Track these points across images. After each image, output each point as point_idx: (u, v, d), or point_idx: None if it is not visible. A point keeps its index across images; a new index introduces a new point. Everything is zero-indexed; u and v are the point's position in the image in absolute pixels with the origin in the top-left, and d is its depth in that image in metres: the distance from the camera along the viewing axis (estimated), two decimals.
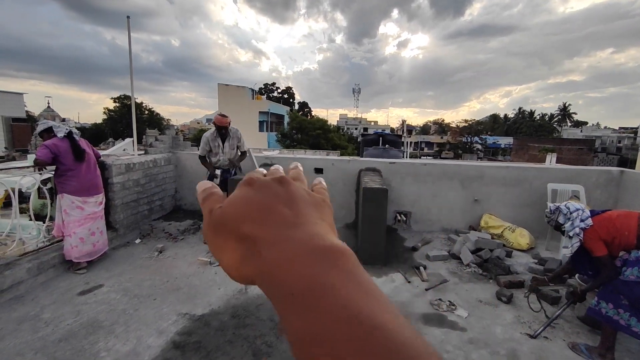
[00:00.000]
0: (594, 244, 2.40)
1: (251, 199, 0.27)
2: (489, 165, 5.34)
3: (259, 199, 0.27)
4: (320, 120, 30.76)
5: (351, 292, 0.20)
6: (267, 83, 52.92)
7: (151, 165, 4.99)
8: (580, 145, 28.01)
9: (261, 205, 0.26)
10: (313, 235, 0.24)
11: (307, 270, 0.21)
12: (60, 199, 3.42)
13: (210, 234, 0.28)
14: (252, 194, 0.28)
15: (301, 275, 0.21)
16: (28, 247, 3.50)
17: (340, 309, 0.19)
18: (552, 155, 8.85)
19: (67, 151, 3.33)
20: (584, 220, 2.47)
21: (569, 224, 2.53)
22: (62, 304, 2.89)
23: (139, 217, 4.75)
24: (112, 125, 35.95)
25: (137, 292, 3.11)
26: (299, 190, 0.29)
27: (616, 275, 2.34)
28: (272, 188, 0.28)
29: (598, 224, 2.43)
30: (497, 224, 4.67)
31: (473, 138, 44.00)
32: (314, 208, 0.28)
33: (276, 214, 0.26)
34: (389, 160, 5.36)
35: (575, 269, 2.78)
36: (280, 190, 0.28)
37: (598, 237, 2.40)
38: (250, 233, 0.25)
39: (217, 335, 2.54)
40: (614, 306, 2.30)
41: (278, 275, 0.22)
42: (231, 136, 4.36)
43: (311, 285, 0.20)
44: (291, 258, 0.22)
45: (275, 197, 0.27)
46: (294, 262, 0.22)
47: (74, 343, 2.40)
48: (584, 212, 2.51)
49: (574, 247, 2.48)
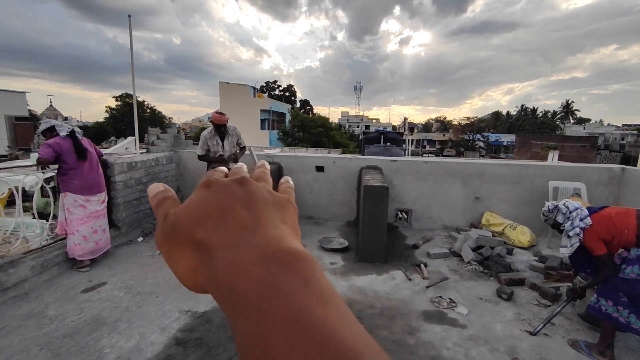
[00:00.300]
0: (594, 243, 2.39)
1: (207, 202, 0.26)
2: (490, 162, 5.33)
3: (215, 202, 0.26)
4: (321, 118, 30.73)
5: (306, 300, 0.19)
6: (269, 81, 52.91)
7: (153, 163, 5.01)
8: (583, 142, 27.90)
9: (217, 209, 0.25)
10: (270, 239, 0.23)
11: (261, 276, 0.20)
12: (63, 197, 3.44)
13: (163, 242, 0.26)
14: (208, 196, 0.26)
15: (254, 281, 0.20)
16: (32, 245, 3.53)
17: (293, 315, 0.18)
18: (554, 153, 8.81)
19: (69, 150, 3.36)
20: (583, 220, 2.45)
21: (569, 223, 2.51)
22: (66, 301, 2.92)
23: (141, 215, 4.78)
24: (114, 124, 36.03)
25: (140, 290, 3.14)
26: (260, 191, 0.27)
27: (616, 273, 2.34)
28: (230, 189, 0.27)
29: (597, 223, 2.42)
30: (498, 221, 4.68)
31: (475, 135, 43.86)
32: (275, 209, 0.27)
33: (233, 217, 0.24)
34: (390, 158, 5.37)
35: (574, 267, 2.78)
36: (239, 192, 0.26)
37: (598, 236, 2.38)
38: (205, 239, 0.23)
39: (218, 331, 2.56)
40: (614, 303, 2.31)
41: (229, 281, 0.20)
42: (230, 134, 4.32)
43: (264, 291, 0.19)
44: (244, 263, 0.21)
45: (233, 198, 0.26)
46: (247, 267, 0.21)
47: (78, 339, 2.43)
48: (582, 211, 2.50)
49: (573, 246, 2.46)
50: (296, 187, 5.69)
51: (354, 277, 3.52)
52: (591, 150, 26.54)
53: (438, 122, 63.87)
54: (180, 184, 5.78)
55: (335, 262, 3.86)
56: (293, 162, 5.45)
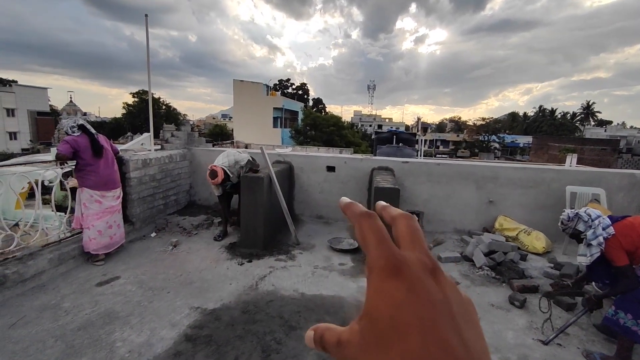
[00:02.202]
0: (616, 254, 2.30)
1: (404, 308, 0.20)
2: (505, 166, 5.22)
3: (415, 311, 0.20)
4: (334, 117, 30.70)
5: None
6: (282, 79, 53.09)
7: (167, 160, 5.10)
8: (603, 145, 26.98)
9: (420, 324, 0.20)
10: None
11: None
12: (80, 192, 3.54)
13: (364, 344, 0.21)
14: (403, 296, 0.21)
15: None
16: (51, 238, 3.64)
17: None
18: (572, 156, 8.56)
19: (86, 147, 3.44)
20: (606, 229, 2.35)
21: (591, 232, 2.41)
22: (81, 294, 3.00)
23: (155, 211, 4.87)
24: (131, 120, 36.83)
25: (152, 285, 3.20)
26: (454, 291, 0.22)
27: (637, 285, 2.26)
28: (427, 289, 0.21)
29: (620, 233, 2.33)
30: (512, 226, 4.57)
31: (490, 137, 43.03)
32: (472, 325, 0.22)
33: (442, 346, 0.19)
34: (402, 160, 5.31)
35: (591, 277, 2.69)
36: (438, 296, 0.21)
37: (620, 246, 2.30)
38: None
39: (227, 329, 2.59)
40: (634, 317, 2.23)
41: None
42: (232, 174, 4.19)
43: None
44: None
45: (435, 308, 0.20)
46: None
47: (92, 332, 2.49)
48: (604, 220, 2.40)
49: (593, 256, 2.37)
50: (307, 186, 5.69)
51: (363, 278, 3.50)
52: (612, 154, 25.66)
53: (452, 122, 62.95)
54: (193, 181, 5.86)
55: (344, 263, 3.84)
56: (304, 161, 5.45)
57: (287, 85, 52.77)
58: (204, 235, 4.54)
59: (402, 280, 0.21)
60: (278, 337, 2.52)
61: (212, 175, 3.97)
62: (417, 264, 0.22)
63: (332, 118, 29.95)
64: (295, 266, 3.72)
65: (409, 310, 0.20)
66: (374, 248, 0.23)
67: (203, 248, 4.11)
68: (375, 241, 0.23)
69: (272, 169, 4.25)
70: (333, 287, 3.30)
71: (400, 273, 0.21)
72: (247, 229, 4.05)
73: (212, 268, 3.60)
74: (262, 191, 3.94)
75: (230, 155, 4.32)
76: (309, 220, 5.33)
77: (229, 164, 4.16)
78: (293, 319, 2.75)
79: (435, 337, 0.19)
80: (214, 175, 3.96)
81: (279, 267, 3.68)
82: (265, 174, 4.07)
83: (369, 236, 0.23)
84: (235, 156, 4.31)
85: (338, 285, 3.34)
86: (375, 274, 0.22)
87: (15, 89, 30.82)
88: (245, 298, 3.04)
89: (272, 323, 2.68)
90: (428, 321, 0.20)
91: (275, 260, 3.85)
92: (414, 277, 0.21)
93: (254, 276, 3.44)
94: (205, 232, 4.64)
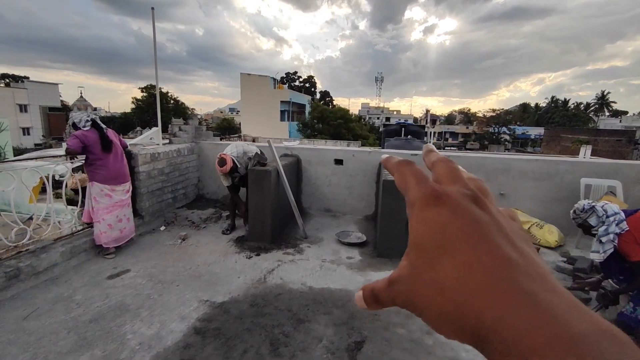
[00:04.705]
0: (631, 249, 2.24)
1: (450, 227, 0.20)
2: (517, 157, 5.11)
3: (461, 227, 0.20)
4: (341, 110, 30.50)
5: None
6: (289, 72, 52.87)
7: (175, 154, 5.12)
8: (618, 136, 26.26)
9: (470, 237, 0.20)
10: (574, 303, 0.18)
11: None
12: (90, 186, 3.57)
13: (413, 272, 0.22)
14: (446, 218, 0.21)
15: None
16: (64, 232, 3.70)
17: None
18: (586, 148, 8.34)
19: (95, 142, 3.46)
20: (619, 225, 2.29)
21: (603, 228, 2.34)
22: (92, 287, 3.04)
23: (164, 205, 4.91)
24: (140, 115, 37.15)
25: (162, 278, 3.23)
26: (501, 217, 0.22)
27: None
28: (470, 210, 0.21)
29: (634, 227, 2.26)
30: (524, 219, 4.49)
31: (501, 128, 42.29)
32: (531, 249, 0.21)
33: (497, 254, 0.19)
34: (410, 152, 5.24)
35: (605, 273, 2.62)
36: (483, 216, 0.21)
37: (635, 241, 2.23)
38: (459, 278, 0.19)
39: (236, 322, 2.60)
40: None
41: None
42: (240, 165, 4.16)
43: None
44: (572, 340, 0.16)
45: (481, 226, 0.20)
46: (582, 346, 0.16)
47: (103, 324, 2.53)
48: (619, 215, 2.33)
49: (606, 253, 2.30)
50: (314, 180, 5.67)
51: (371, 272, 3.48)
52: (627, 145, 24.97)
53: (462, 114, 61.96)
54: (201, 174, 5.88)
55: (352, 257, 3.83)
56: (312, 154, 5.42)
57: (294, 78, 52.54)
58: (212, 228, 4.57)
59: (444, 206, 0.21)
60: (286, 330, 2.52)
61: (220, 163, 3.97)
62: (457, 193, 0.22)
63: (340, 111, 29.75)
64: (303, 260, 3.72)
65: (454, 229, 0.20)
66: (414, 187, 0.23)
67: (211, 241, 4.13)
68: (414, 181, 0.23)
69: (279, 163, 4.22)
70: (341, 281, 3.28)
71: (441, 201, 0.21)
72: (255, 222, 4.05)
73: (220, 261, 3.62)
74: (269, 185, 3.93)
75: (239, 146, 4.32)
76: (317, 214, 5.31)
77: (237, 154, 4.15)
78: (301, 312, 2.75)
79: (486, 247, 0.19)
80: (223, 162, 3.96)
81: (287, 260, 3.68)
82: (273, 168, 4.05)
83: (409, 178, 0.24)
84: (244, 147, 4.31)
85: (346, 279, 3.33)
86: (416, 207, 0.22)
87: (28, 85, 31.29)
88: (254, 291, 3.04)
89: (280, 316, 2.68)
90: (476, 235, 0.20)
91: (284, 253, 3.85)
92: (455, 203, 0.21)
93: (262, 270, 3.45)
94: (213, 226, 4.66)
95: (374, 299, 0.24)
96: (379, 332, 2.50)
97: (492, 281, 0.18)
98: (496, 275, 0.18)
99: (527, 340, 0.16)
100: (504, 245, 0.20)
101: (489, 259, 0.19)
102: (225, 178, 4.17)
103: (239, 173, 4.19)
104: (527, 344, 0.16)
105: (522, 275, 0.18)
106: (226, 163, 3.94)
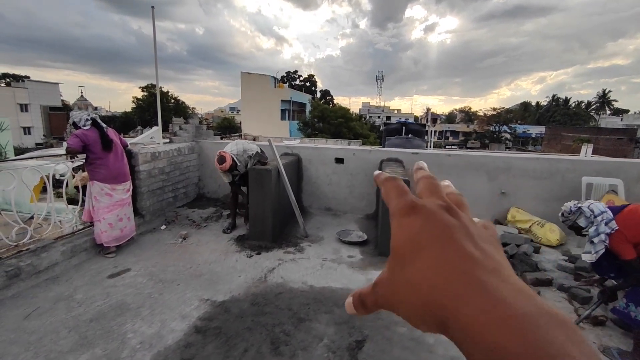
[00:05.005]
0: (622, 247, 2.24)
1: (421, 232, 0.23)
2: (518, 156, 5.10)
3: (431, 232, 0.23)
4: (342, 109, 30.47)
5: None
6: (289, 71, 52.82)
7: (175, 154, 5.11)
8: (619, 135, 26.19)
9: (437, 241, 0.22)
10: (519, 292, 0.20)
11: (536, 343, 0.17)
12: (91, 185, 3.57)
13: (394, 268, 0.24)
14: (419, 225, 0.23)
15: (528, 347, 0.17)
16: (65, 230, 3.70)
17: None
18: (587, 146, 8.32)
19: (96, 141, 3.46)
20: (608, 224, 2.28)
21: (593, 229, 2.33)
22: (93, 286, 3.04)
23: (164, 204, 4.91)
24: (141, 114, 37.18)
25: (162, 277, 3.23)
26: (473, 225, 0.25)
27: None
28: (443, 218, 0.24)
29: (624, 225, 2.25)
30: (525, 218, 4.48)
31: (501, 127, 42.20)
32: (495, 250, 0.24)
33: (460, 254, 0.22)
34: (411, 151, 5.23)
35: (597, 272, 2.62)
36: (454, 223, 0.23)
37: (625, 239, 2.23)
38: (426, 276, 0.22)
39: (237, 321, 2.60)
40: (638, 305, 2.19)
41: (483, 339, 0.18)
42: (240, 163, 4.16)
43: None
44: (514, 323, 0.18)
45: (450, 230, 0.23)
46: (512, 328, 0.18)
47: (104, 323, 2.53)
48: (607, 214, 2.32)
49: (598, 253, 2.29)
50: (315, 179, 5.66)
51: (372, 271, 3.48)
52: (629, 144, 24.90)
53: (462, 112, 61.85)
54: (202, 173, 5.88)
55: (353, 256, 3.82)
56: (312, 153, 5.41)
57: (295, 77, 52.50)
58: (213, 227, 4.56)
59: (418, 215, 0.24)
60: (287, 329, 2.52)
61: (220, 161, 3.96)
62: (432, 204, 0.25)
63: (340, 110, 29.73)
64: (304, 258, 3.72)
65: (426, 233, 0.23)
66: (394, 199, 0.26)
67: (212, 240, 4.13)
68: (395, 194, 0.26)
69: (280, 161, 4.22)
70: (342, 280, 3.28)
71: (416, 210, 0.24)
72: (255, 221, 4.05)
73: (221, 260, 3.61)
74: (270, 184, 3.92)
75: (240, 144, 4.31)
76: (318, 213, 5.31)
77: (237, 152, 4.15)
78: (302, 311, 2.74)
79: (453, 247, 0.22)
80: (222, 160, 3.95)
81: (288, 259, 3.68)
82: (274, 167, 4.04)
83: (391, 192, 0.27)
84: (244, 145, 4.30)
85: (347, 278, 3.32)
86: (395, 217, 0.25)
87: (28, 85, 31.29)
88: (255, 290, 3.04)
89: (281, 315, 2.68)
90: (445, 237, 0.22)
91: (284, 252, 3.84)
92: (430, 212, 0.24)
93: (262, 268, 3.45)
94: (214, 225, 4.66)
95: (361, 304, 0.27)
96: (380, 331, 2.50)
97: (455, 275, 0.21)
98: (458, 270, 0.21)
99: (479, 322, 0.19)
100: (467, 245, 0.22)
101: (453, 256, 0.22)
102: (226, 175, 4.17)
103: (239, 171, 4.19)
104: (479, 325, 0.19)
105: (480, 269, 0.21)
106: (225, 161, 3.93)
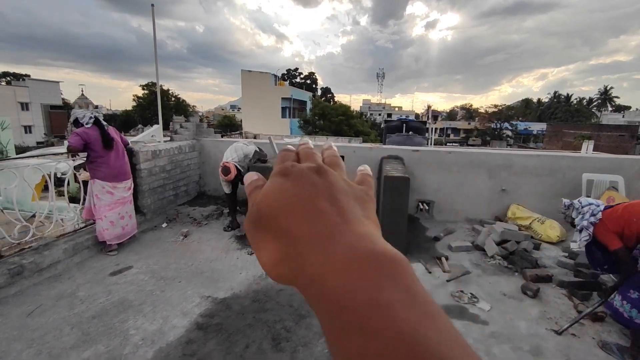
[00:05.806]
0: (607, 237, 2.36)
1: (287, 192, 0.25)
2: (519, 153, 5.09)
3: (296, 192, 0.24)
4: (343, 106, 30.39)
5: (409, 314, 0.17)
6: (290, 69, 52.67)
7: (176, 152, 5.12)
8: (621, 131, 26.08)
9: (299, 199, 0.24)
10: (360, 238, 0.21)
11: (359, 283, 0.19)
12: (92, 184, 3.59)
13: (248, 228, 0.26)
14: (287, 185, 0.25)
15: (352, 287, 0.19)
16: (67, 229, 3.72)
17: (397, 334, 0.17)
18: (588, 143, 8.29)
19: (97, 139, 3.47)
20: (595, 215, 2.44)
21: (579, 217, 2.52)
22: (95, 284, 3.07)
23: (165, 202, 4.93)
24: (141, 112, 37.18)
25: (164, 275, 3.25)
26: (339, 182, 0.26)
27: (634, 268, 2.30)
28: (310, 178, 0.25)
29: (606, 217, 2.40)
30: (526, 215, 4.48)
31: (503, 124, 42.09)
32: (357, 203, 0.25)
33: (317, 210, 0.23)
34: (412, 148, 5.23)
35: (591, 264, 2.71)
36: (319, 182, 0.25)
37: (608, 229, 2.35)
38: (288, 230, 0.23)
39: (238, 318, 2.62)
40: (622, 298, 2.30)
41: (324, 284, 0.20)
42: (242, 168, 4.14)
43: (364, 301, 0.18)
44: (340, 265, 0.20)
45: (314, 189, 0.25)
46: (343, 270, 0.19)
47: (106, 320, 2.55)
48: (597, 207, 2.47)
49: (582, 240, 2.46)
50: None
51: None
52: (630, 140, 24.81)
53: (464, 110, 61.65)
54: (202, 171, 5.89)
55: None
56: None
57: (295, 74, 52.36)
58: (214, 225, 4.58)
59: (288, 177, 0.26)
60: (288, 325, 2.54)
61: (224, 172, 3.95)
62: (301, 167, 0.26)
63: (341, 107, 29.66)
64: None
65: (290, 191, 0.25)
66: (277, 165, 0.28)
67: (213, 238, 4.14)
68: (279, 161, 0.29)
69: None
70: None
71: (287, 173, 0.26)
72: None
73: (222, 258, 3.63)
74: None
75: (239, 149, 4.28)
76: None
77: (239, 159, 4.14)
78: (303, 307, 2.76)
79: (312, 206, 0.23)
80: (227, 171, 3.94)
81: None
82: (274, 164, 4.04)
83: (278, 159, 0.30)
84: (243, 150, 4.29)
85: None
86: (271, 177, 0.27)
87: (29, 83, 31.33)
88: (256, 287, 3.06)
89: (282, 312, 2.70)
90: (306, 197, 0.24)
91: None
92: (298, 173, 0.26)
93: None
94: (215, 223, 4.67)
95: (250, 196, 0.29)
96: None
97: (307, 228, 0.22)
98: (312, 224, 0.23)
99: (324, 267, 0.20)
100: (326, 205, 0.24)
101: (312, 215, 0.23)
102: (227, 185, 4.16)
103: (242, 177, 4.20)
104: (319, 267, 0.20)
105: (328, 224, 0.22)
106: (230, 172, 3.93)
